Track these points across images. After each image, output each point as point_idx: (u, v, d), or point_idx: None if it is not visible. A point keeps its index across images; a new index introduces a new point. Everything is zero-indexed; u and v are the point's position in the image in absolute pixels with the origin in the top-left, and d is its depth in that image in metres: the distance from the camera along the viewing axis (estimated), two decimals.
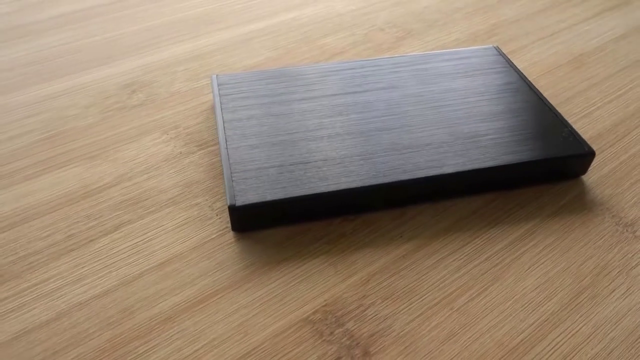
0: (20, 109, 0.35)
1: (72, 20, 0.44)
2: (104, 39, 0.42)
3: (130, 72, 0.39)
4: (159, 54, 0.40)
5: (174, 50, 0.41)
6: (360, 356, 0.23)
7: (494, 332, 0.24)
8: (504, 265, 0.26)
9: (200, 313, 0.24)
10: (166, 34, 0.43)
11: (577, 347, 0.23)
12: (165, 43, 0.42)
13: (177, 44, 0.42)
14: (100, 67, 0.39)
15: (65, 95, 0.36)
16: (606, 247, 0.27)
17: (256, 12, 0.46)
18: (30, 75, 0.38)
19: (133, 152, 0.32)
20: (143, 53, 0.40)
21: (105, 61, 0.40)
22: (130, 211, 0.28)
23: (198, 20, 0.45)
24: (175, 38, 0.42)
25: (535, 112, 0.32)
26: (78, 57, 0.40)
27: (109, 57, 0.40)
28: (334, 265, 0.26)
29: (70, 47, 0.41)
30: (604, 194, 0.30)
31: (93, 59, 0.40)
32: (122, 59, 0.40)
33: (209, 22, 0.44)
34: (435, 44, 0.43)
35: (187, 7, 0.46)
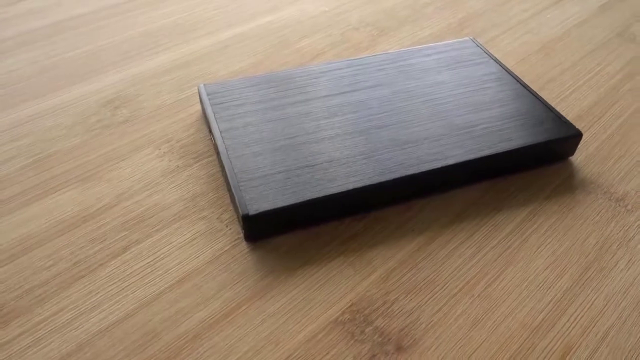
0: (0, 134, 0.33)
1: (42, 37, 0.42)
2: (78, 55, 0.40)
3: (110, 87, 0.37)
4: (138, 66, 0.39)
5: (153, 61, 0.40)
6: (394, 351, 0.23)
7: (515, 314, 0.24)
8: (514, 249, 0.27)
9: (228, 327, 0.24)
10: (143, 46, 0.42)
11: (594, 319, 0.24)
12: (143, 55, 0.41)
13: (156, 55, 0.41)
14: (78, 85, 0.37)
15: (46, 117, 0.35)
16: (603, 222, 0.29)
17: (229, 18, 0.46)
18: (4, 98, 0.36)
19: (128, 170, 0.31)
20: (121, 67, 0.39)
21: (82, 78, 0.38)
22: (136, 230, 0.28)
23: (173, 30, 0.44)
24: (153, 49, 0.41)
25: (521, 99, 0.34)
26: (53, 75, 0.38)
27: (86, 73, 0.39)
28: (352, 265, 0.26)
29: (44, 65, 0.39)
30: (592, 172, 0.32)
31: (69, 76, 0.38)
32: (100, 74, 0.39)
33: (184, 31, 0.44)
34: (411, 39, 0.44)
35: (159, 17, 0.45)
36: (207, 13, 0.46)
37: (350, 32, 0.44)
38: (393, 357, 0.23)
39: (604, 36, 0.44)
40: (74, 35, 0.43)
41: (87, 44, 0.42)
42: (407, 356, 0.23)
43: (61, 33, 0.43)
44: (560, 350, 0.23)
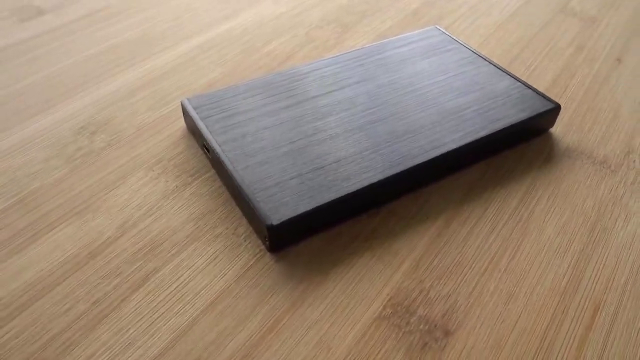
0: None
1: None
2: (38, 80, 0.37)
3: (80, 112, 0.35)
4: (105, 87, 0.37)
5: (120, 80, 0.38)
6: (443, 336, 0.23)
7: (543, 281, 0.26)
8: (524, 222, 0.29)
9: (275, 341, 0.23)
10: (105, 65, 0.39)
11: (611, 276, 0.26)
12: (108, 75, 0.38)
13: (122, 72, 0.39)
14: (43, 113, 0.35)
15: (17, 152, 0.32)
16: (594, 185, 0.31)
17: (188, 29, 0.44)
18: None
19: (124, 198, 0.29)
20: (87, 89, 0.37)
21: (47, 105, 0.35)
22: (151, 259, 0.26)
23: (134, 45, 0.42)
24: (118, 67, 0.39)
25: (498, 80, 0.35)
26: (14, 106, 0.35)
27: (50, 99, 0.36)
28: (381, 260, 0.26)
29: (0, 96, 0.36)
30: (572, 140, 0.34)
31: (32, 104, 0.35)
32: (65, 99, 0.36)
33: (146, 45, 0.42)
34: (375, 33, 0.44)
35: (117, 33, 0.43)
36: (163, 25, 0.44)
37: (315, 31, 0.44)
38: (443, 342, 0.23)
39: (549, 13, 0.47)
40: (29, 60, 0.40)
41: (45, 68, 0.39)
42: (456, 339, 0.23)
43: (13, 59, 0.40)
44: (590, 309, 0.25)
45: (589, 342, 0.23)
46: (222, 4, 0.48)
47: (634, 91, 0.38)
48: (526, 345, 0.23)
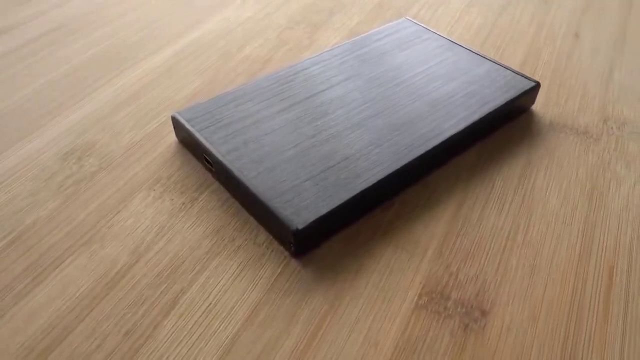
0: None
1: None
2: (5, 108, 0.35)
3: (60, 138, 0.33)
4: (81, 108, 0.35)
5: (97, 99, 0.36)
6: (481, 316, 0.24)
7: (558, 250, 0.27)
8: (528, 197, 0.30)
9: (322, 344, 0.23)
10: (77, 84, 0.37)
11: (617, 237, 0.28)
12: (81, 94, 0.36)
13: (96, 92, 0.37)
14: (19, 143, 0.33)
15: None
16: (582, 155, 0.33)
17: (155, 41, 0.43)
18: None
19: (130, 221, 0.28)
20: (62, 112, 0.35)
21: (21, 134, 0.33)
22: (175, 280, 0.25)
23: (102, 62, 0.40)
24: (90, 87, 0.37)
25: (477, 64, 0.37)
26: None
27: (23, 128, 0.34)
28: (405, 250, 0.27)
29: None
30: (553, 115, 0.36)
31: (3, 135, 0.33)
32: (40, 126, 0.34)
33: (115, 61, 0.40)
34: (346, 29, 0.45)
35: (80, 51, 0.41)
36: (128, 40, 0.43)
37: (286, 32, 0.44)
38: (483, 322, 0.24)
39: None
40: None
41: (13, 93, 0.36)
42: (494, 316, 0.24)
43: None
44: (606, 271, 0.26)
45: (612, 301, 0.25)
46: (184, 13, 0.46)
47: (596, 63, 0.41)
48: (558, 312, 0.24)
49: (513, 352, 0.23)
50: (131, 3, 0.48)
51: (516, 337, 0.23)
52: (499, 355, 0.23)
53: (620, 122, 0.35)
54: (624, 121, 0.35)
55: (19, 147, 0.33)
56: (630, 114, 0.36)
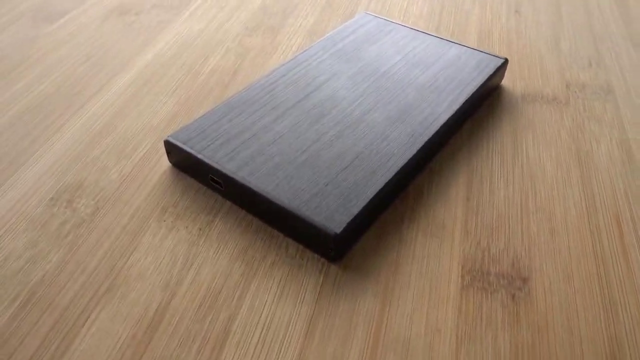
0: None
1: None
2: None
3: (40, 183, 0.30)
4: (53, 148, 0.32)
5: (67, 137, 0.33)
6: (523, 284, 0.25)
7: (569, 211, 0.29)
8: (525, 166, 0.32)
9: (388, 343, 0.23)
10: (39, 123, 0.34)
11: (612, 189, 0.30)
12: (47, 134, 0.33)
13: (62, 128, 0.34)
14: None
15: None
16: (559, 120, 0.35)
17: (108, 67, 0.40)
18: None
19: (150, 258, 0.26)
20: (30, 156, 0.32)
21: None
22: (220, 309, 0.24)
23: (59, 96, 0.37)
24: (54, 123, 0.34)
25: (446, 49, 0.38)
26: None
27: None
28: (434, 236, 0.28)
29: None
30: (522, 87, 0.38)
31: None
32: (13, 173, 0.31)
33: (72, 93, 0.37)
34: (305, 30, 0.45)
35: (27, 89, 0.37)
36: (78, 69, 0.40)
37: (245, 39, 0.43)
38: (526, 289, 0.25)
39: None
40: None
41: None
42: (534, 282, 0.25)
43: None
44: (614, 222, 0.28)
45: (628, 247, 0.27)
46: (128, 35, 0.44)
47: (542, 35, 0.44)
48: (586, 266, 0.26)
49: (562, 310, 0.24)
50: (66, 31, 0.44)
51: (559, 296, 0.25)
52: (551, 315, 0.24)
53: (580, 85, 0.38)
54: (582, 84, 0.39)
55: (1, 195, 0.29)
56: (586, 77, 0.39)
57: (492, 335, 0.23)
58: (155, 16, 0.46)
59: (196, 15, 0.47)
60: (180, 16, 0.46)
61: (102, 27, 0.45)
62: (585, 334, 0.23)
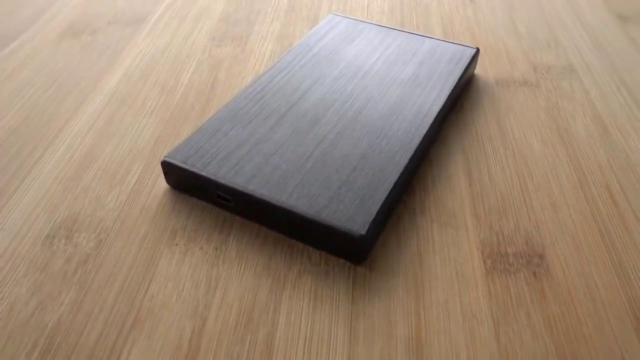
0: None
1: None
2: None
3: (29, 221, 0.28)
4: (35, 182, 0.30)
5: (48, 169, 0.31)
6: (540, 260, 0.27)
7: (563, 185, 0.31)
8: (516, 148, 0.33)
9: (431, 335, 0.23)
10: (14, 158, 0.32)
11: (597, 161, 0.32)
12: (25, 169, 0.31)
13: (41, 161, 0.32)
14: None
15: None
16: (534, 101, 0.37)
17: (74, 92, 0.38)
18: None
19: (170, 285, 0.25)
20: (13, 194, 0.30)
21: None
22: (257, 327, 0.24)
23: (28, 128, 0.34)
24: (31, 156, 0.32)
25: (419, 43, 0.39)
26: None
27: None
28: (448, 224, 0.28)
29: None
30: (493, 74, 0.40)
31: None
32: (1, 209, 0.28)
33: (41, 123, 0.35)
34: (274, 36, 0.44)
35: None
36: (43, 97, 0.37)
37: (215, 50, 0.42)
38: (544, 264, 0.26)
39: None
40: None
41: None
42: (550, 257, 0.27)
43: None
44: (606, 190, 0.30)
45: (623, 212, 0.29)
46: (88, 56, 0.42)
47: (500, 22, 0.46)
48: (592, 235, 0.28)
49: (580, 280, 0.26)
50: (20, 57, 0.41)
51: (575, 267, 0.26)
52: (573, 286, 0.25)
53: (545, 67, 0.41)
54: (547, 66, 0.41)
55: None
56: (548, 58, 0.42)
57: (524, 313, 0.24)
58: (113, 34, 0.44)
59: (157, 29, 0.45)
60: (140, 32, 0.45)
61: (59, 49, 0.42)
62: (606, 299, 0.25)
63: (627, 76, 0.39)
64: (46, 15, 0.47)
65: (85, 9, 0.48)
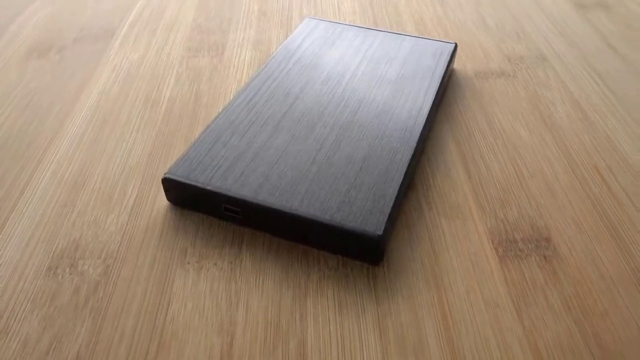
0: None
1: None
2: None
3: (26, 253, 0.27)
4: (27, 209, 0.29)
5: (38, 195, 0.30)
6: (548, 243, 0.28)
7: (555, 168, 0.32)
8: (505, 138, 0.34)
9: (458, 326, 0.24)
10: (1, 184, 0.30)
11: (581, 142, 0.34)
12: (16, 193, 0.30)
13: (30, 185, 0.30)
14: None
15: (1, 335, 0.23)
16: (514, 91, 0.38)
17: (52, 114, 0.36)
18: None
19: (190, 307, 0.25)
20: (6, 224, 0.28)
21: None
22: (285, 337, 0.23)
23: (14, 149, 0.32)
24: (17, 182, 0.30)
25: (399, 42, 0.40)
26: None
27: None
28: (455, 217, 0.29)
29: None
30: (472, 68, 0.41)
31: None
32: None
33: (28, 144, 0.33)
34: (250, 43, 0.44)
35: None
36: (22, 118, 0.35)
37: (193, 61, 0.41)
38: (552, 247, 0.27)
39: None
40: None
41: None
42: (556, 239, 0.28)
43: None
44: (595, 171, 0.32)
45: (615, 191, 0.31)
46: (64, 72, 0.40)
47: (469, 17, 0.48)
48: (590, 215, 0.29)
49: (588, 258, 0.27)
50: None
51: (580, 247, 0.27)
52: (582, 265, 0.26)
53: (518, 57, 0.42)
54: (520, 55, 0.42)
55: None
56: (520, 49, 0.43)
57: (542, 296, 0.25)
58: (82, 50, 0.43)
59: (127, 43, 0.44)
60: (111, 47, 0.43)
61: (27, 70, 0.40)
62: (615, 274, 0.26)
63: (595, 61, 0.42)
64: (6, 36, 0.45)
65: (46, 26, 0.46)
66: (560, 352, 0.23)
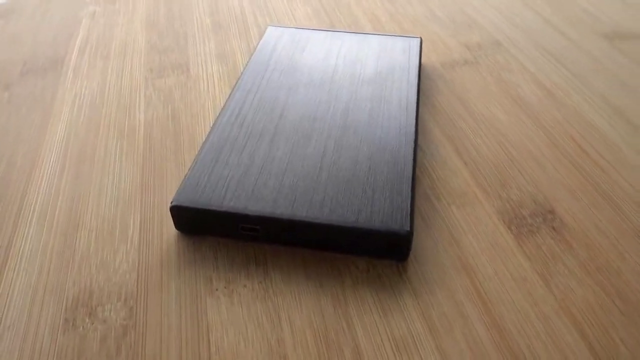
0: None
1: None
2: None
3: (38, 308, 0.24)
4: (21, 264, 0.26)
5: (34, 237, 0.27)
6: (553, 216, 0.29)
7: (540, 146, 0.34)
8: (488, 122, 0.36)
9: (499, 308, 0.25)
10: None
11: (557, 121, 0.36)
12: (3, 248, 0.27)
13: (17, 236, 0.27)
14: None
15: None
16: (480, 77, 0.40)
17: (21, 154, 0.33)
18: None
19: (232, 334, 0.24)
20: (2, 283, 0.25)
21: None
22: (338, 347, 0.23)
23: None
24: (1, 237, 0.28)
25: (368, 41, 0.40)
26: None
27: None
28: (467, 204, 0.30)
29: None
30: (436, 59, 0.43)
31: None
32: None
33: (0, 194, 0.30)
34: (214, 54, 0.43)
35: None
36: (6, 153, 0.32)
37: (160, 82, 0.40)
38: (558, 219, 0.29)
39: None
40: None
41: None
42: (560, 211, 0.29)
43: None
44: (572, 142, 0.34)
45: (596, 158, 0.33)
46: (18, 110, 0.37)
47: (417, 11, 0.49)
48: (582, 184, 0.31)
49: (591, 223, 0.29)
50: None
51: (581, 214, 0.29)
52: (588, 230, 0.28)
53: (476, 45, 0.44)
54: (477, 43, 0.45)
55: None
56: (475, 38, 0.45)
57: (562, 264, 0.27)
58: (32, 84, 0.40)
59: (81, 71, 0.41)
60: (64, 76, 0.40)
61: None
62: (618, 234, 0.28)
63: (545, 43, 0.45)
64: None
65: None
66: (593, 314, 0.24)
